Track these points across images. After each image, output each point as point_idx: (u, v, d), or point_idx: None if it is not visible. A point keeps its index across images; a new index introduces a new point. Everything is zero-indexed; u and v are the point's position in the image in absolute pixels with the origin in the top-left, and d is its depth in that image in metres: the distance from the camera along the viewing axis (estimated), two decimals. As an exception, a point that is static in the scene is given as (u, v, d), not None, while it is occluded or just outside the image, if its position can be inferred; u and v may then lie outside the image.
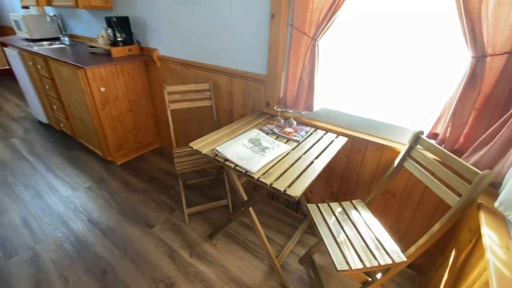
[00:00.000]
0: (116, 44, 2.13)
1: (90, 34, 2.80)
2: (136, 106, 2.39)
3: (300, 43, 1.37)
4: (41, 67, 2.40)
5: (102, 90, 2.08)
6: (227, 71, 1.75)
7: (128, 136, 2.43)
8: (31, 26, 2.85)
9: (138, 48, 2.27)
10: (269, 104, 1.65)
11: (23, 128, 3.10)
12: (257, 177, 1.04)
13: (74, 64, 1.91)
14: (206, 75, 1.90)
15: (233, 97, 1.83)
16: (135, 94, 2.34)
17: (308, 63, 1.36)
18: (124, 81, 2.21)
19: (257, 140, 1.30)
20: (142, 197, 2.04)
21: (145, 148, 2.64)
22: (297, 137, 1.37)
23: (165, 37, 2.03)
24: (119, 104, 2.25)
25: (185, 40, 1.90)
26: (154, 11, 1.99)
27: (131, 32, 2.19)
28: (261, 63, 1.57)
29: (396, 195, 1.38)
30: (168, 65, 2.12)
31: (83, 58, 2.13)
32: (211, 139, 1.33)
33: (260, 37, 1.51)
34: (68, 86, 2.20)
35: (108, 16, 2.03)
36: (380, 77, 1.32)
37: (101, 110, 2.13)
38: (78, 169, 2.35)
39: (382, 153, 1.34)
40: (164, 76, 2.22)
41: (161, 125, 2.59)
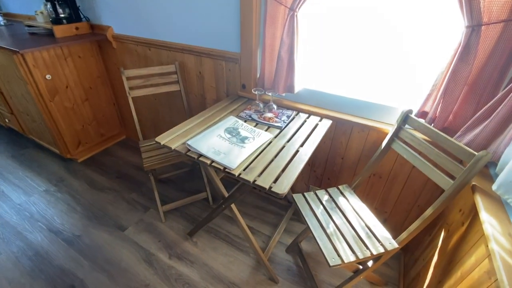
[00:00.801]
0: (59, 22, 1.80)
1: (30, 12, 2.36)
2: (93, 94, 2.09)
3: (277, 14, 1.20)
4: (-32, 53, 1.99)
5: (48, 78, 1.77)
6: (194, 49, 1.53)
7: (88, 129, 2.15)
8: (-51, 1, 2.33)
9: (87, 25, 1.94)
10: (245, 87, 1.49)
11: (-41, 126, 2.66)
12: (238, 174, 0.91)
13: (7, 47, 1.58)
14: (171, 55, 1.67)
15: (203, 79, 1.63)
16: (90, 80, 2.04)
17: (287, 38, 1.20)
18: (74, 66, 1.90)
19: (235, 129, 1.15)
20: (111, 196, 1.84)
21: (109, 141, 2.37)
22: (279, 122, 1.25)
23: (119, 12, 1.74)
24: (72, 93, 1.95)
25: (144, 15, 1.63)
26: (101, -20, 1.68)
27: (76, 7, 1.85)
28: (232, 39, 1.39)
29: (382, 177, 1.33)
30: (126, 45, 1.84)
31: (19, 40, 1.78)
32: (181, 131, 1.16)
33: (230, 8, 1.31)
34: (6, 74, 1.85)
35: (44, -13, 1.68)
36: (365, 52, 1.21)
37: (50, 102, 1.83)
38: (32, 171, 2.06)
39: (368, 135, 1.26)
40: (123, 58, 1.94)
41: (125, 115, 2.33)
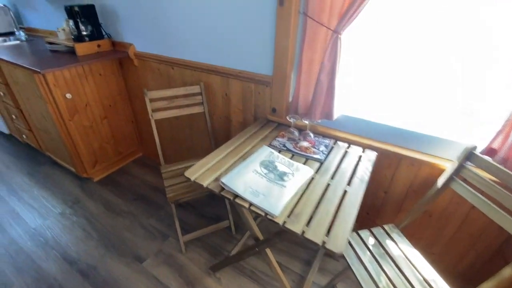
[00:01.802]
0: (81, 40, 1.75)
1: (51, 27, 2.36)
2: (112, 112, 2.03)
3: (317, 36, 1.09)
4: (-10, 70, 1.97)
5: (68, 97, 1.71)
6: (221, 70, 1.44)
7: (106, 148, 2.08)
8: (-26, 18, 2.35)
9: (109, 43, 1.89)
10: (275, 111, 1.38)
11: (-22, 140, 2.65)
12: (283, 222, 0.79)
13: (28, 67, 1.53)
14: (195, 75, 1.59)
15: (230, 101, 1.54)
16: (110, 98, 1.98)
17: (328, 61, 1.09)
18: (94, 84, 1.84)
19: (271, 162, 1.04)
20: (128, 221, 1.74)
21: (126, 159, 2.30)
22: (317, 154, 1.12)
23: (142, 30, 1.68)
24: (92, 112, 1.89)
25: (168, 34, 1.56)
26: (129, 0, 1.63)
27: (99, 24, 1.81)
28: (265, 61, 1.29)
29: (433, 216, 1.18)
30: (149, 63, 1.78)
31: (40, 58, 1.74)
32: (212, 163, 1.05)
33: (264, 30, 1.21)
34: (26, 92, 1.81)
35: (68, 5, 1.64)
36: (416, 76, 1.09)
37: (69, 121, 1.77)
38: (48, 190, 1.99)
39: (419, 170, 1.12)
40: (144, 76, 1.87)
41: (143, 131, 2.26)
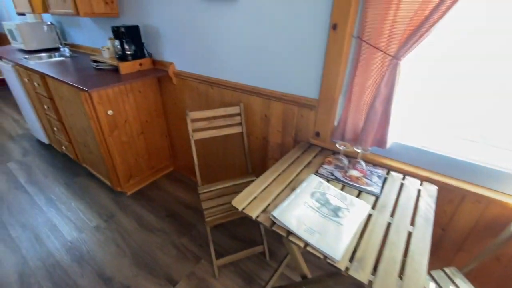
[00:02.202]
0: (124, 58, 1.81)
1: (94, 45, 2.48)
2: (148, 127, 2.07)
3: (372, 61, 1.04)
4: (38, 85, 2.09)
5: (110, 114, 1.76)
6: (263, 92, 1.42)
7: (140, 162, 2.11)
8: (27, 36, 2.53)
9: (150, 61, 1.94)
10: (319, 135, 1.32)
11: (21, 149, 2.80)
12: (345, 268, 0.72)
13: (76, 86, 1.59)
14: (235, 95, 1.58)
15: (269, 122, 1.50)
16: (147, 114, 2.02)
17: (385, 88, 1.03)
18: (134, 101, 1.89)
19: (322, 194, 0.97)
20: (160, 240, 1.72)
21: (158, 173, 2.32)
22: (371, 186, 1.04)
23: (183, 49, 1.71)
24: (130, 127, 1.93)
25: (208, 53, 1.57)
26: (169, 19, 1.67)
27: (141, 43, 1.86)
28: (311, 84, 1.24)
29: (501, 260, 1.05)
30: (188, 82, 1.80)
31: (86, 76, 1.81)
32: (258, 191, 1.01)
33: (313, 53, 1.17)
34: (70, 107, 1.89)
35: (115, 26, 1.71)
36: (484, 101, 0.99)
37: (109, 136, 1.81)
38: (84, 202, 2.04)
39: (487, 208, 1.01)
40: (182, 94, 1.89)
41: (176, 146, 2.27)
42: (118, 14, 1.99)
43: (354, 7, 1.01)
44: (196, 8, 1.48)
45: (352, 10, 1.01)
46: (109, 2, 1.92)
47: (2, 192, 2.15)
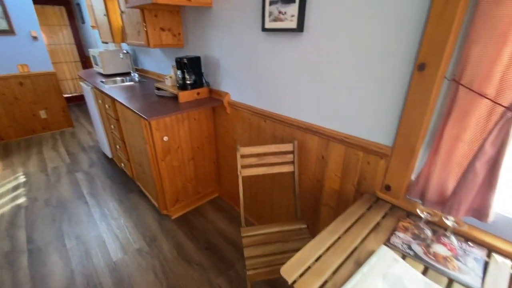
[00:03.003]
0: (184, 88, 1.87)
1: (160, 71, 2.68)
2: (199, 153, 2.07)
3: (472, 110, 0.81)
4: (109, 107, 2.29)
5: (165, 140, 1.80)
6: (322, 131, 1.27)
7: (187, 187, 2.12)
8: (106, 62, 2.87)
9: (207, 90, 1.98)
10: (390, 189, 1.10)
11: (89, 160, 3.10)
12: None
13: (138, 114, 1.67)
14: (288, 131, 1.46)
15: (326, 165, 1.33)
16: (199, 141, 2.03)
17: (492, 147, 0.79)
18: (189, 128, 1.92)
19: (397, 278, 0.75)
20: (197, 274, 1.63)
21: (203, 199, 2.29)
22: (466, 272, 0.78)
23: (239, 80, 1.68)
24: (181, 153, 1.95)
25: (264, 86, 1.51)
26: (229, 50, 1.67)
27: (201, 73, 1.91)
28: (384, 129, 1.06)
29: None
30: (241, 113, 1.76)
31: (149, 103, 1.91)
32: (312, 259, 0.83)
33: (388, 93, 1.00)
34: (132, 130, 2.01)
35: (179, 57, 1.78)
36: None
37: (161, 161, 1.85)
38: (132, 221, 2.09)
39: None
40: (234, 124, 1.86)
41: (223, 173, 2.23)
42: (183, 45, 2.10)
43: (450, 44, 0.83)
44: (257, 41, 1.45)
45: (448, 48, 0.83)
46: (176, 35, 2.04)
47: (67, 201, 2.35)
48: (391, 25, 0.93)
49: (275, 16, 1.27)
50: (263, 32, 1.38)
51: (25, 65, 3.51)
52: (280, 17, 1.25)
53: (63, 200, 2.37)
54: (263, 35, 1.40)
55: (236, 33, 1.57)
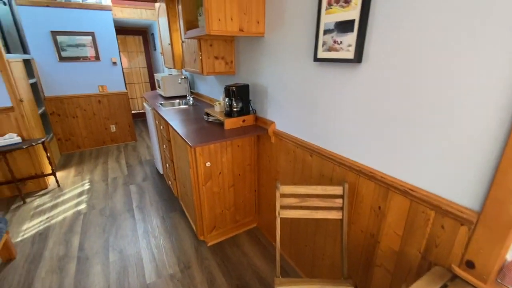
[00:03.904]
0: (231, 115, 1.86)
1: (212, 95, 2.78)
2: (239, 181, 2.01)
3: None
4: (163, 128, 2.44)
5: (208, 165, 1.79)
6: (380, 178, 1.06)
7: (226, 214, 2.05)
8: (166, 85, 3.12)
9: (253, 118, 1.94)
10: (473, 266, 0.83)
11: (143, 174, 3.34)
12: None
13: (184, 139, 1.70)
14: (338, 171, 1.28)
15: (384, 218, 1.10)
16: (241, 167, 1.97)
17: None
18: (232, 154, 1.88)
19: None
20: (225, 317, 1.50)
21: (240, 228, 2.19)
22: None
23: (287, 111, 1.59)
24: (223, 179, 1.92)
25: (313, 118, 1.38)
26: (279, 79, 1.61)
27: (248, 101, 1.89)
28: (468, 187, 0.81)
29: None
30: (285, 143, 1.65)
31: (197, 128, 1.95)
32: None
33: (480, 144, 0.77)
34: (180, 152, 2.07)
35: (228, 85, 1.79)
36: None
37: (202, 186, 1.83)
38: (170, 242, 2.10)
39: None
40: (278, 154, 1.75)
41: (263, 203, 2.11)
42: (235, 72, 2.13)
43: None
44: (308, 71, 1.35)
45: None
46: (229, 63, 2.09)
47: (118, 212, 2.52)
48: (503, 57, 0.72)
49: (329, 46, 1.16)
50: (315, 62, 1.28)
51: (104, 86, 4.07)
52: (335, 47, 1.13)
53: (115, 211, 2.54)
54: (315, 65, 1.29)
55: (286, 62, 1.50)
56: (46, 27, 3.49)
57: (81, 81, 3.89)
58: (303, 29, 1.33)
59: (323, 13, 1.16)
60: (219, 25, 1.48)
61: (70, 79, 3.81)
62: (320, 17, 1.17)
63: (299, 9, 1.33)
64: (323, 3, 1.15)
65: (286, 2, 1.42)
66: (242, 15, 1.54)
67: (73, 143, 4.09)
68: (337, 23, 1.10)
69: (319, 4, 1.16)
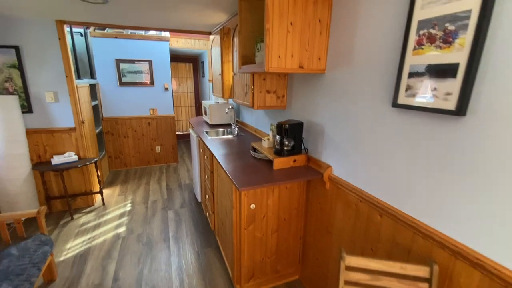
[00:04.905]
0: (281, 153, 1.71)
1: (258, 126, 2.69)
2: (284, 226, 1.80)
3: None
4: (207, 158, 2.38)
5: (252, 207, 1.63)
6: (494, 269, 0.79)
7: (266, 263, 1.83)
8: (213, 113, 3.13)
9: (304, 158, 1.76)
10: None
11: (181, 199, 3.30)
12: None
13: (231, 179, 1.58)
14: (420, 243, 1.02)
15: (494, 324, 0.80)
16: (287, 211, 1.78)
17: None
18: (278, 196, 1.70)
19: None
20: None
21: (280, 279, 1.94)
22: None
23: (349, 156, 1.38)
24: (266, 223, 1.73)
25: (387, 172, 1.15)
26: (340, 121, 1.43)
27: (301, 139, 1.73)
28: None
29: None
30: (345, 194, 1.42)
31: (243, 165, 1.82)
32: None
33: None
34: (222, 187, 1.95)
35: (280, 123, 1.66)
36: None
37: (244, 229, 1.67)
38: (204, 285, 1.93)
39: None
40: (333, 204, 1.53)
41: (308, 254, 1.85)
42: (286, 107, 2.01)
43: None
44: (382, 117, 1.15)
45: None
46: (280, 97, 1.98)
47: (154, 240, 2.45)
48: None
49: (415, 91, 0.96)
50: (394, 108, 1.08)
51: (155, 109, 4.29)
52: (425, 94, 0.93)
53: (151, 238, 2.49)
54: (393, 111, 1.10)
55: (352, 103, 1.33)
56: (112, 56, 3.85)
57: (135, 104, 4.15)
58: (379, 69, 1.15)
59: (409, 53, 0.97)
60: (278, 62, 1.39)
61: (126, 102, 4.09)
62: (404, 57, 0.99)
63: (375, 47, 1.17)
64: (409, 42, 0.97)
65: (356, 37, 1.27)
66: (303, 52, 1.43)
67: (121, 161, 4.30)
68: (431, 66, 0.90)
69: (404, 43, 0.99)
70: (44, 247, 1.73)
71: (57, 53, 2.61)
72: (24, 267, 1.53)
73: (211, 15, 2.34)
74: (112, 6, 2.04)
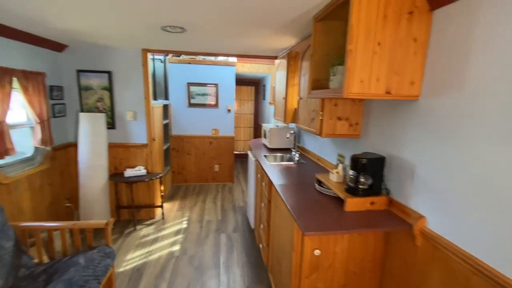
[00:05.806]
0: (355, 193, 1.44)
1: (321, 154, 2.45)
2: (354, 281, 1.49)
3: None
4: (265, 185, 2.24)
5: (316, 254, 1.39)
6: None
7: (327, 322, 1.53)
8: (273, 137, 3.03)
9: (385, 200, 1.45)
10: None
11: (234, 222, 3.21)
12: None
13: (294, 217, 1.38)
14: None
15: None
16: (358, 264, 1.47)
17: None
18: (348, 244, 1.43)
19: None
20: None
21: None
22: None
23: (454, 207, 1.05)
24: (332, 275, 1.45)
25: None
26: (440, 161, 1.12)
27: (381, 177, 1.44)
28: None
29: None
30: (447, 257, 1.07)
31: (307, 201, 1.60)
32: None
33: None
34: (281, 220, 1.76)
35: (356, 156, 1.42)
36: None
37: (305, 278, 1.42)
38: (252, 331, 1.72)
39: None
40: (425, 266, 1.18)
41: (384, 326, 1.47)
42: (360, 136, 1.75)
43: None
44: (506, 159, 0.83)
45: None
46: (353, 124, 1.74)
47: (205, 265, 2.37)
48: None
49: None
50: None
51: (217, 129, 4.45)
52: None
53: (203, 262, 2.41)
54: (541, 157, 0.77)
55: (460, 139, 1.02)
56: (184, 79, 4.20)
57: (200, 124, 4.38)
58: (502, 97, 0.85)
59: None
60: (360, 87, 1.19)
61: (193, 122, 4.36)
62: None
63: (497, 68, 0.88)
64: None
65: (469, 55, 0.99)
66: (392, 75, 1.20)
67: (183, 176, 4.52)
68: None
69: None
70: (107, 259, 1.79)
71: (140, 77, 2.92)
72: (87, 279, 1.58)
73: (279, 40, 2.30)
74: (189, 34, 2.18)
